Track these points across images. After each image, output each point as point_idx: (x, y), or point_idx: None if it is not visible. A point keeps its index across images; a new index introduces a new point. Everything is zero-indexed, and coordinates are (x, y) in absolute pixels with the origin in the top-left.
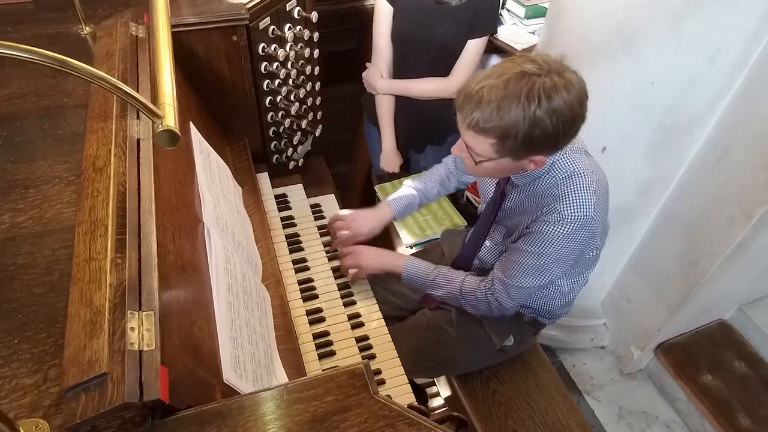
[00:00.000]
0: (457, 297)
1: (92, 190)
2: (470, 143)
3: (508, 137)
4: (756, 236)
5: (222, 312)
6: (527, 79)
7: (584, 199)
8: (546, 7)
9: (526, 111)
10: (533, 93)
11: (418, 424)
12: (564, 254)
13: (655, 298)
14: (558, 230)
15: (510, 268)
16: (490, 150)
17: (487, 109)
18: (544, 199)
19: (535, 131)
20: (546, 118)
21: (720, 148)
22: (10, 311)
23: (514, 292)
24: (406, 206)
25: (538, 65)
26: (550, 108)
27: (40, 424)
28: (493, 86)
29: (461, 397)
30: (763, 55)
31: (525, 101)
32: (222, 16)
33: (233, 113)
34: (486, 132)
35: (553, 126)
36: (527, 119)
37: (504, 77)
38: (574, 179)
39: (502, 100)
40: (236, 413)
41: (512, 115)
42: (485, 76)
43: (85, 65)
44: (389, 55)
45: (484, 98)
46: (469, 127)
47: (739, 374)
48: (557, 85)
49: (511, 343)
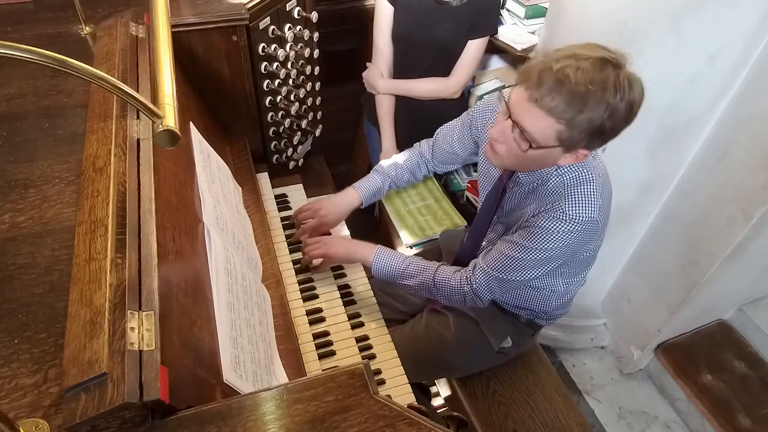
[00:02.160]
0: (430, 287)
1: (92, 190)
2: (531, 125)
3: (579, 125)
4: (756, 236)
5: (222, 312)
6: (611, 67)
7: (590, 201)
8: (546, 7)
9: (610, 100)
10: (619, 82)
11: (418, 424)
12: (557, 253)
13: (655, 298)
14: (558, 227)
15: (496, 260)
16: (551, 136)
17: (572, 92)
18: (548, 197)
19: (607, 123)
20: (622, 110)
21: (720, 148)
22: (10, 311)
23: (495, 284)
24: (374, 192)
25: (614, 53)
26: (628, 100)
27: (40, 424)
28: (579, 68)
29: (461, 397)
30: (763, 55)
31: (612, 89)
32: (222, 16)
33: (233, 113)
34: (560, 115)
35: (624, 120)
36: (608, 109)
37: (588, 60)
38: (582, 182)
39: (591, 84)
40: (236, 413)
41: (596, 101)
42: (563, 55)
43: (85, 65)
44: (389, 55)
45: (570, 79)
46: (542, 107)
47: (739, 374)
48: (633, 77)
49: (509, 344)
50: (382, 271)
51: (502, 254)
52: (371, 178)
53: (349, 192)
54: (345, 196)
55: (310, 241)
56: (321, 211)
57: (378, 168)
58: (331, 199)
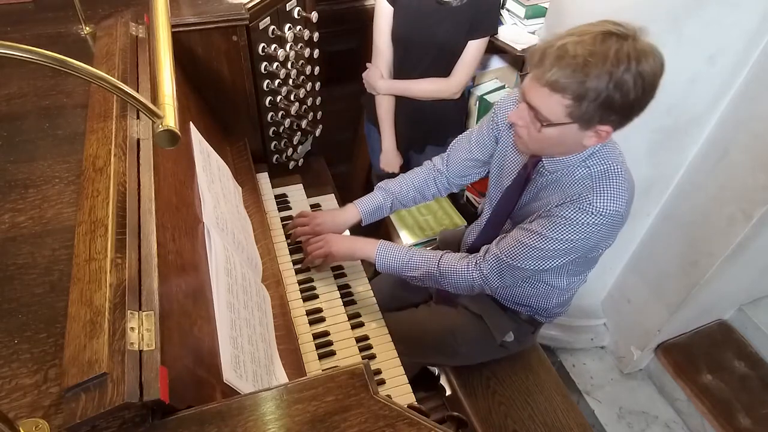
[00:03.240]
0: (435, 276)
1: (92, 190)
2: (540, 103)
3: (586, 98)
4: (756, 236)
5: (222, 312)
6: (615, 39)
7: (619, 195)
8: (546, 7)
9: (613, 71)
10: (622, 53)
11: (418, 424)
12: (577, 245)
13: (655, 298)
14: (583, 218)
15: (512, 247)
16: (562, 112)
17: (571, 65)
18: (574, 189)
19: (616, 95)
20: (630, 82)
21: (720, 148)
22: (10, 311)
23: (507, 271)
24: (374, 210)
25: (623, 27)
26: (637, 71)
27: (40, 424)
28: (578, 42)
29: (461, 397)
30: (763, 55)
31: (614, 59)
32: (222, 16)
33: (233, 113)
34: (564, 89)
35: (635, 92)
36: (613, 80)
37: (589, 34)
38: (610, 175)
39: (590, 56)
40: (236, 413)
41: (597, 73)
42: (566, 33)
43: (85, 65)
44: (389, 55)
45: (569, 53)
46: (545, 84)
47: (739, 374)
48: (645, 49)
49: (511, 339)
50: (386, 265)
51: (518, 242)
52: (373, 195)
53: (348, 208)
54: (344, 211)
55: (313, 240)
56: (317, 219)
57: (381, 185)
58: (330, 212)
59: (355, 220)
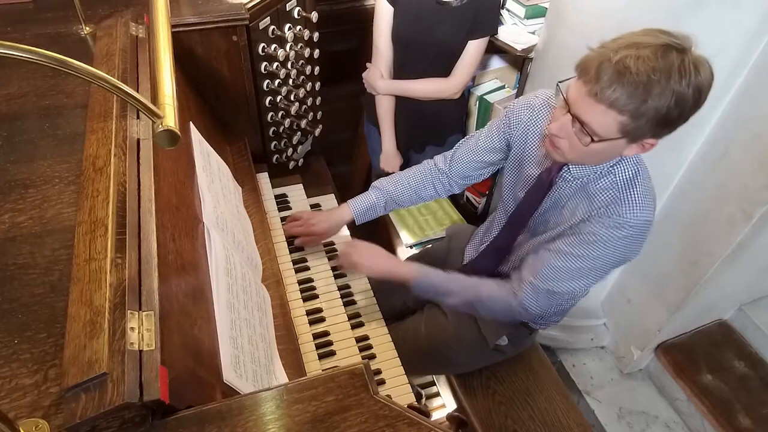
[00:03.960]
0: (474, 303)
1: (92, 190)
2: (592, 119)
3: (645, 115)
4: (756, 236)
5: (222, 312)
6: (676, 53)
7: (647, 202)
8: (546, 7)
9: (676, 87)
10: (684, 67)
11: (418, 424)
12: (612, 259)
13: (655, 298)
14: (615, 233)
15: (546, 272)
16: (615, 128)
17: (633, 82)
18: (599, 200)
19: (675, 111)
20: (689, 96)
21: (720, 148)
22: (10, 311)
23: (544, 297)
24: (366, 209)
25: (678, 38)
26: (696, 84)
27: (40, 424)
28: (639, 57)
29: (461, 397)
30: (763, 55)
31: (677, 76)
32: (222, 16)
33: (233, 113)
34: (623, 108)
35: (692, 105)
36: (675, 96)
37: (649, 48)
38: (637, 183)
39: (653, 73)
40: (236, 413)
41: (660, 90)
42: (622, 45)
43: (85, 65)
44: (389, 55)
45: (631, 70)
46: (603, 101)
47: (739, 374)
48: (700, 59)
49: (506, 342)
50: (423, 288)
51: (550, 266)
52: (366, 194)
53: (341, 208)
54: (338, 211)
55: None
56: (311, 219)
57: (376, 184)
58: (324, 212)
59: (348, 219)
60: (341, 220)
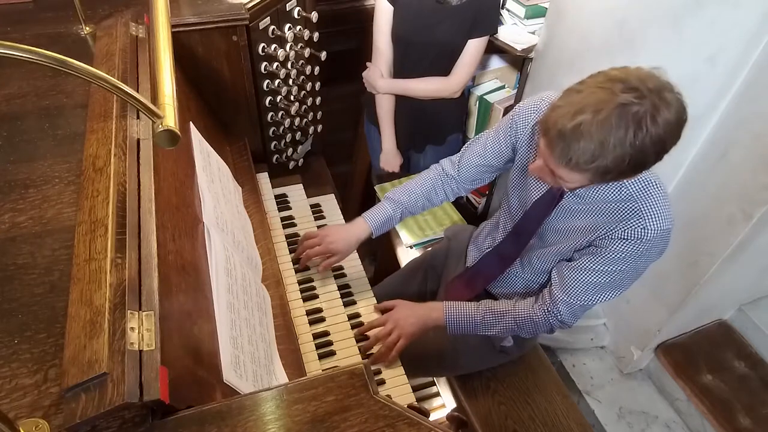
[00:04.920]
0: (513, 329)
1: (92, 190)
2: (562, 174)
3: (609, 173)
4: (756, 236)
5: (222, 312)
6: (631, 109)
7: (666, 210)
8: (546, 7)
9: (632, 144)
10: (639, 125)
11: (418, 424)
12: (643, 267)
13: (655, 298)
14: (640, 248)
15: (579, 290)
16: (585, 180)
17: (588, 149)
18: (617, 212)
19: (639, 161)
20: (648, 146)
21: (720, 148)
22: (10, 311)
23: (580, 310)
24: (383, 221)
25: (634, 88)
26: (654, 135)
27: (40, 424)
28: (593, 123)
29: (461, 397)
30: (763, 55)
31: (632, 136)
32: (222, 16)
33: (233, 113)
34: (585, 170)
35: (656, 153)
36: (632, 151)
37: (604, 112)
38: (650, 190)
39: (606, 137)
40: (236, 413)
41: (619, 152)
42: (577, 108)
43: (85, 65)
44: (389, 54)
45: (584, 137)
46: (565, 165)
47: (739, 374)
48: (661, 104)
49: (511, 343)
50: (457, 328)
51: (582, 283)
52: (381, 206)
53: (358, 222)
54: (354, 226)
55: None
56: (328, 237)
57: (389, 195)
58: (340, 228)
59: (365, 235)
60: (359, 236)
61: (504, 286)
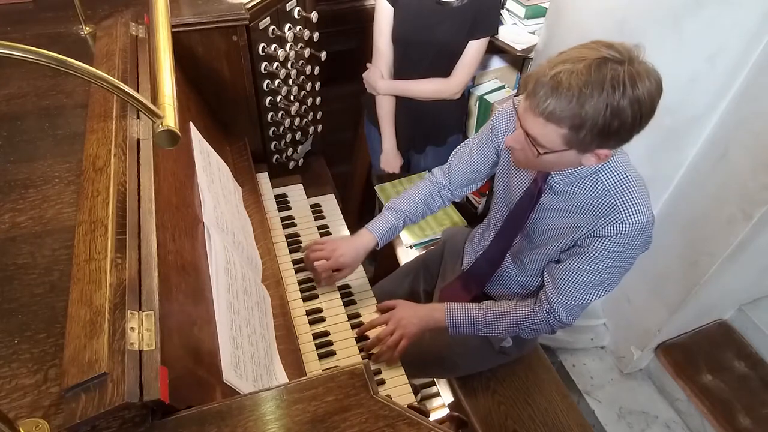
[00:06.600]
0: (514, 330)
1: (92, 190)
2: (536, 132)
3: (583, 127)
4: (756, 236)
5: (222, 312)
6: (610, 65)
7: (643, 203)
8: (546, 7)
9: (609, 99)
10: (617, 80)
11: (418, 424)
12: (631, 259)
13: (655, 298)
14: (620, 243)
15: (568, 289)
16: (559, 141)
17: (566, 96)
18: (595, 209)
19: (614, 122)
20: (628, 108)
21: (720, 148)
22: (10, 311)
23: (577, 309)
24: (388, 231)
25: (618, 51)
26: (633, 96)
27: (40, 424)
28: (573, 71)
29: (461, 397)
30: (763, 55)
31: (609, 89)
32: (222, 16)
33: (233, 113)
34: (560, 121)
35: (633, 117)
36: (610, 108)
37: (584, 62)
38: (626, 184)
39: (584, 86)
40: (236, 413)
41: (594, 103)
42: (560, 60)
43: (85, 65)
44: (390, 55)
45: (563, 84)
46: (540, 114)
47: (739, 374)
48: (641, 71)
49: (510, 344)
50: (459, 329)
51: (572, 283)
52: (384, 216)
53: (363, 234)
54: (360, 238)
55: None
56: (337, 251)
57: (390, 205)
58: (346, 240)
59: (371, 245)
60: (366, 247)
61: (501, 288)
